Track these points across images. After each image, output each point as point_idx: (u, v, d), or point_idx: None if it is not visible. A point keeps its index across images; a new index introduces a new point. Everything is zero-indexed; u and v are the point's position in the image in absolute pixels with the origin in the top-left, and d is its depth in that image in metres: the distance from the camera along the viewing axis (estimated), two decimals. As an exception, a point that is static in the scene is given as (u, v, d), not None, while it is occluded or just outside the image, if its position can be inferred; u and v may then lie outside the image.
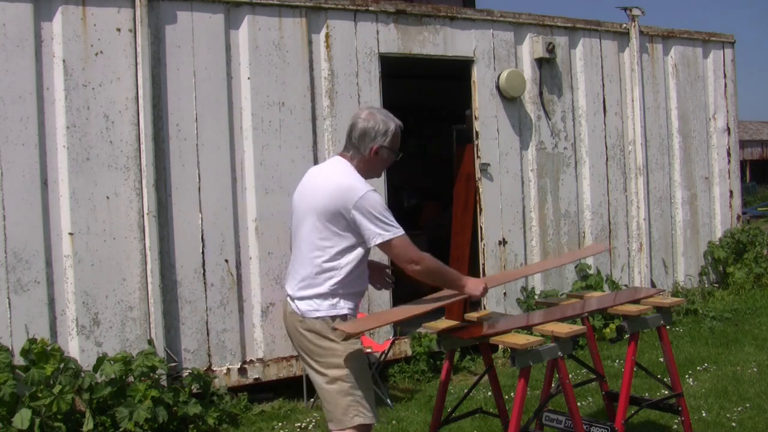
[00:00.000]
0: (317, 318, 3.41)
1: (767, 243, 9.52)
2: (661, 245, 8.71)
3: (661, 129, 8.77)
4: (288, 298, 3.55)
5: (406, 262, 3.43)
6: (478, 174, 7.36)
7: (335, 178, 3.43)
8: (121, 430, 5.04)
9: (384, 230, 3.36)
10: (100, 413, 5.17)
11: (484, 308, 7.18)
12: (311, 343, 3.44)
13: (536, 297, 7.47)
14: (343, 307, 3.43)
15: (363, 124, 3.50)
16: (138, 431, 5.03)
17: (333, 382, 3.41)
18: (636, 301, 4.43)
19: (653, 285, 8.43)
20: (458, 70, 7.59)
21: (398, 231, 3.39)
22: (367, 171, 3.54)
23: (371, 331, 6.38)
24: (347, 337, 3.36)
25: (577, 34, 8.08)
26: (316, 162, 6.43)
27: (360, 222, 3.34)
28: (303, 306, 3.44)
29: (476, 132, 7.38)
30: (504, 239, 7.46)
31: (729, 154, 9.44)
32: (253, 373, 6.12)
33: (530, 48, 7.68)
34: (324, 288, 3.41)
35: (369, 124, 3.49)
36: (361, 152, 3.50)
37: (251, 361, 6.13)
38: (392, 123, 3.54)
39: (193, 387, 5.61)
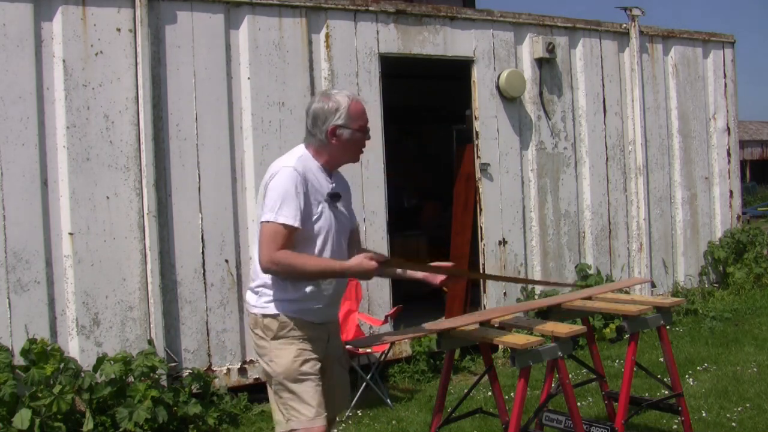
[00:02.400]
0: (253, 313, 3.27)
1: (767, 243, 9.52)
2: (661, 245, 8.71)
3: (661, 129, 8.77)
4: None
5: (259, 249, 3.11)
6: (478, 174, 7.36)
7: (272, 165, 3.24)
8: (121, 430, 5.04)
9: (268, 210, 3.07)
10: (100, 413, 5.17)
11: (484, 308, 7.19)
12: (253, 337, 3.32)
13: (536, 297, 7.47)
14: (274, 306, 3.19)
15: (314, 106, 3.25)
16: (138, 431, 5.03)
17: (270, 382, 3.25)
18: (628, 297, 4.43)
19: (653, 285, 8.44)
20: (458, 70, 7.59)
21: (276, 217, 3.04)
22: (334, 156, 3.27)
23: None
24: (275, 337, 3.19)
25: (577, 34, 8.08)
26: (316, 162, 6.43)
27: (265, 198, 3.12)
28: (248, 297, 3.33)
29: (476, 132, 7.38)
30: (504, 239, 7.46)
31: (729, 154, 9.44)
32: (253, 373, 6.12)
33: (530, 48, 7.68)
34: (259, 281, 3.23)
35: (318, 105, 3.23)
36: (319, 138, 3.23)
37: (251, 361, 6.13)
38: (345, 99, 3.22)
39: (193, 387, 5.61)
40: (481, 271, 7.32)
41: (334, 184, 3.28)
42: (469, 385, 6.10)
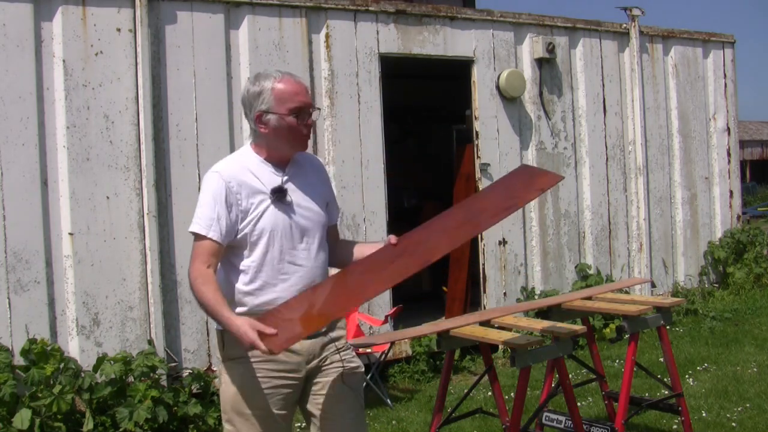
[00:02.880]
0: (215, 329, 2.90)
1: (767, 243, 9.53)
2: (661, 245, 8.71)
3: (661, 129, 8.77)
4: None
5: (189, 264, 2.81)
6: (478, 174, 7.36)
7: None
8: (121, 430, 5.03)
9: (193, 220, 2.79)
10: (100, 413, 5.17)
11: (484, 308, 7.19)
12: None
13: (536, 297, 7.47)
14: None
15: (243, 90, 2.88)
16: (138, 431, 5.03)
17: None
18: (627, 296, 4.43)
19: (653, 285, 8.44)
20: (458, 70, 7.59)
21: (192, 227, 2.78)
22: (272, 147, 2.88)
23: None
24: (225, 357, 2.84)
25: (577, 34, 8.08)
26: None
27: None
28: None
29: (476, 132, 7.37)
30: (504, 239, 7.46)
31: (729, 154, 9.44)
32: (253, 373, 6.11)
33: (530, 48, 7.68)
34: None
35: (244, 90, 2.87)
36: (252, 128, 2.90)
37: (251, 361, 6.12)
38: (270, 81, 2.80)
39: (193, 387, 5.61)
40: (481, 270, 7.31)
41: (285, 177, 2.88)
42: (469, 385, 6.10)
